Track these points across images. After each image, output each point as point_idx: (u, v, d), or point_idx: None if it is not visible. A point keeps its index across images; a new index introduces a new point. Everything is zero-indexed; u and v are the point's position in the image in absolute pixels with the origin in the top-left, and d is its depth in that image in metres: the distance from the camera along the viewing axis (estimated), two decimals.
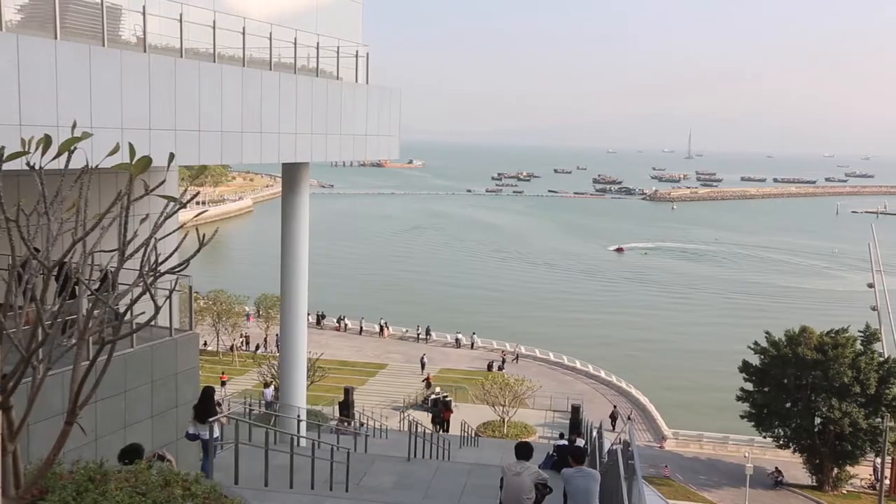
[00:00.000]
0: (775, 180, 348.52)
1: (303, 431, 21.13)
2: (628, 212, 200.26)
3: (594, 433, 20.33)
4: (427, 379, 52.61)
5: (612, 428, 42.68)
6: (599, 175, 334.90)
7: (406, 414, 37.94)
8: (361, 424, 31.06)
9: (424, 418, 39.36)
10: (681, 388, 56.21)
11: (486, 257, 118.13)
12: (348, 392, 37.84)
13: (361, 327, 67.53)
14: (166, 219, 5.32)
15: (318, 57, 19.92)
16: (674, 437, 46.54)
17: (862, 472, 41.48)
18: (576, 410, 35.96)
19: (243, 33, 17.08)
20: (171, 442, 13.04)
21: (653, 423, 48.95)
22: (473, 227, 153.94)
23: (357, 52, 21.44)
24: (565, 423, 41.07)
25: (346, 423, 31.38)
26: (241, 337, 59.99)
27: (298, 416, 21.70)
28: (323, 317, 68.67)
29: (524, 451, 10.74)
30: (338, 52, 20.57)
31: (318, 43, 19.73)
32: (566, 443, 21.29)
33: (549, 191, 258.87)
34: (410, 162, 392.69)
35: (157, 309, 5.75)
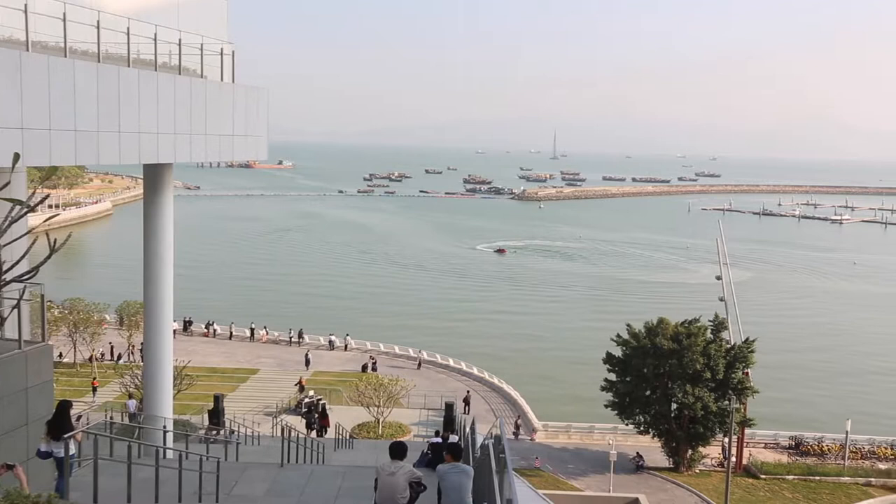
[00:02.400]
0: (634, 180, 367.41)
1: (169, 443, 20.32)
2: (498, 211, 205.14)
3: (468, 429, 20.73)
4: (300, 382, 51.82)
5: (465, 411, 45.28)
6: (469, 175, 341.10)
7: (279, 419, 37.26)
8: (232, 432, 30.22)
9: (298, 423, 38.81)
10: (550, 382, 58.26)
11: (353, 259, 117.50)
12: (218, 399, 36.67)
13: (231, 332, 65.61)
14: (12, 223, 5.04)
15: (180, 54, 19.22)
16: (544, 430, 48.17)
17: (712, 452, 44.52)
18: (449, 408, 36.51)
19: (98, 27, 16.22)
20: (22, 462, 12.22)
21: (524, 416, 50.44)
22: (344, 229, 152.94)
23: (222, 49, 20.85)
24: (440, 421, 41.61)
25: (215, 432, 30.42)
26: (102, 347, 56.83)
27: (164, 426, 20.84)
28: (190, 323, 66.16)
29: (398, 450, 10.83)
30: (201, 50, 19.92)
31: (180, 39, 19.03)
32: (440, 440, 21.59)
33: (421, 191, 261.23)
34: (280, 163, 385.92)
35: (2, 320, 5.44)
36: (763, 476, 42.31)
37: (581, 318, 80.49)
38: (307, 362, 57.52)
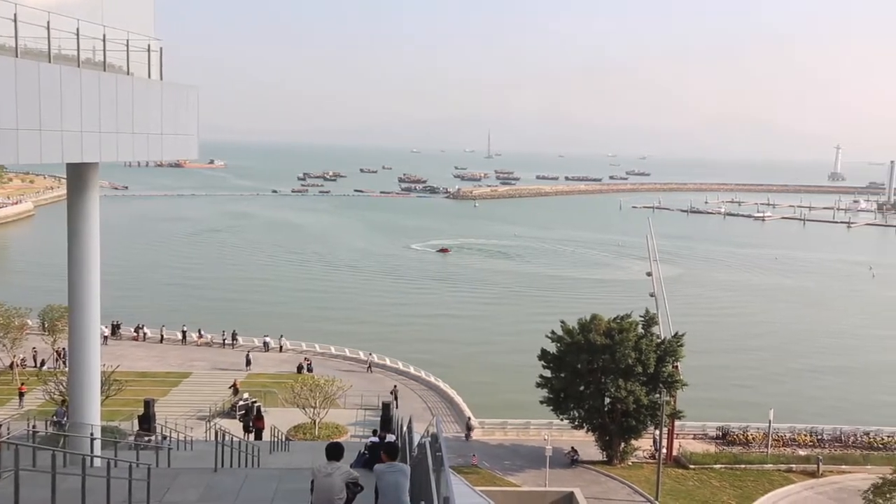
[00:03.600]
0: (567, 178, 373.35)
1: (97, 451, 19.71)
2: (433, 210, 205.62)
3: (405, 428, 20.75)
4: (234, 385, 50.97)
5: (395, 404, 45.80)
6: (404, 174, 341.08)
7: (213, 423, 36.54)
8: (164, 437, 29.49)
9: (233, 426, 38.14)
10: (486, 380, 58.73)
11: (285, 260, 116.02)
12: (148, 404, 35.86)
13: (162, 335, 64.01)
14: None
15: (105, 50, 18.64)
16: (480, 427, 48.50)
17: (644, 445, 45.62)
18: (386, 407, 36.52)
19: (14, 20, 15.61)
20: None
21: (460, 414, 50.71)
22: (277, 229, 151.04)
23: (149, 46, 20.32)
24: (377, 421, 41.52)
25: (146, 438, 29.66)
26: (26, 353, 54.64)
27: (91, 434, 20.20)
28: (118, 326, 64.27)
29: (334, 451, 10.79)
30: (127, 46, 19.38)
31: (104, 35, 18.46)
32: (378, 439, 21.55)
33: (356, 190, 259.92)
34: (212, 162, 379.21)
35: None
36: (692, 466, 43.60)
37: (516, 316, 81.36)
38: (248, 362, 57.22)
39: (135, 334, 64.23)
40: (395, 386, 52.36)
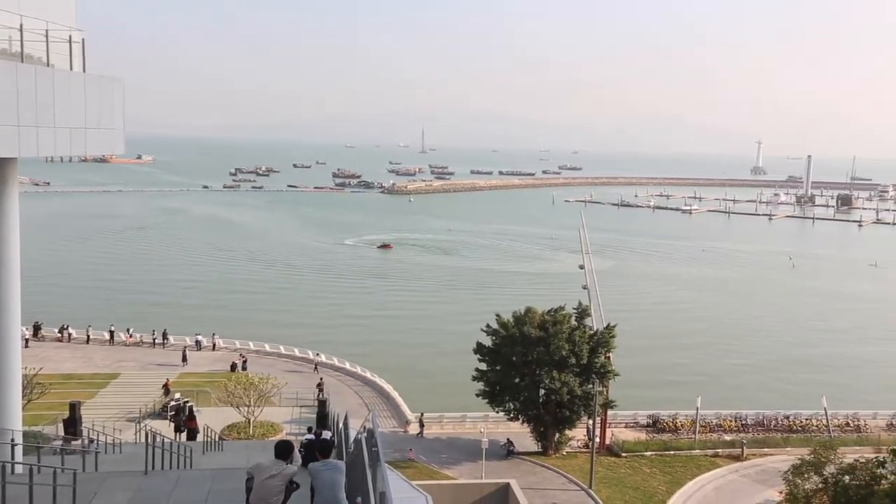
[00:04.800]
0: (500, 173, 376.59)
1: (18, 457, 19.01)
2: (368, 205, 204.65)
3: (341, 425, 20.66)
4: (166, 385, 49.80)
5: (319, 397, 46.24)
6: (339, 169, 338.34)
7: (143, 424, 35.64)
8: (91, 441, 28.61)
9: (164, 427, 37.28)
10: (422, 374, 58.89)
11: (215, 257, 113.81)
12: (74, 407, 34.73)
13: (88, 336, 62.00)
14: None
15: (22, 40, 17.94)
16: (417, 421, 48.57)
17: (578, 434, 46.52)
18: (322, 404, 36.27)
19: None
20: None
21: (397, 409, 50.74)
22: (208, 226, 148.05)
23: (70, 37, 19.64)
24: (313, 418, 41.22)
25: (72, 442, 28.73)
26: None
27: (12, 439, 19.47)
28: (39, 327, 61.97)
29: (284, 449, 10.59)
30: (47, 36, 18.68)
31: (21, 25, 17.76)
32: (313, 437, 21.40)
33: (289, 185, 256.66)
34: (139, 157, 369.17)
35: None
36: (624, 454, 44.68)
37: (451, 311, 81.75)
38: (184, 358, 56.80)
39: (59, 335, 62.06)
40: (322, 379, 52.38)
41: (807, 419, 50.21)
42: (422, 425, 46.96)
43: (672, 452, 45.09)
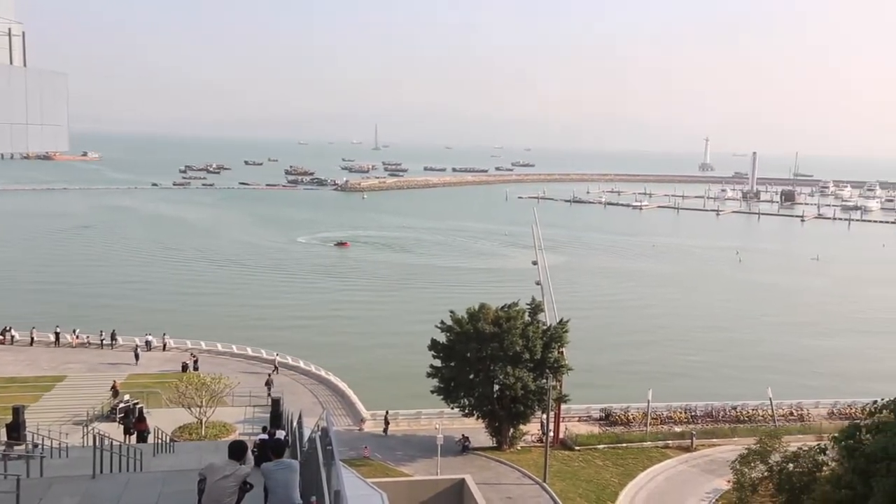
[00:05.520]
0: (454, 170, 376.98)
1: None
2: (321, 202, 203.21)
3: (295, 423, 20.50)
4: (114, 387, 48.74)
5: (267, 393, 47.20)
6: (291, 166, 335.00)
7: (91, 427, 34.86)
8: (35, 445, 27.86)
9: (113, 429, 36.51)
10: (377, 372, 58.73)
11: (163, 256, 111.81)
12: (17, 411, 33.71)
13: (32, 338, 60.31)
14: None
15: None
16: (372, 419, 48.50)
17: (532, 429, 46.96)
18: (276, 403, 35.78)
19: None
20: None
21: (352, 407, 50.53)
22: (156, 224, 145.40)
23: (10, 30, 19.07)
24: (267, 417, 40.75)
25: (15, 447, 27.93)
26: None
27: None
28: None
29: (238, 450, 10.49)
30: None
31: None
32: (267, 436, 21.20)
33: (241, 183, 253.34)
34: (85, 154, 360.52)
35: None
36: (577, 448, 45.28)
37: (406, 308, 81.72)
38: (136, 356, 56.23)
39: (1, 337, 60.25)
40: (270, 375, 52.06)
41: (753, 409, 51.51)
42: (387, 423, 46.87)
43: (624, 445, 45.83)
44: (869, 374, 62.63)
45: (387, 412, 47.54)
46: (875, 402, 23.51)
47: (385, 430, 46.53)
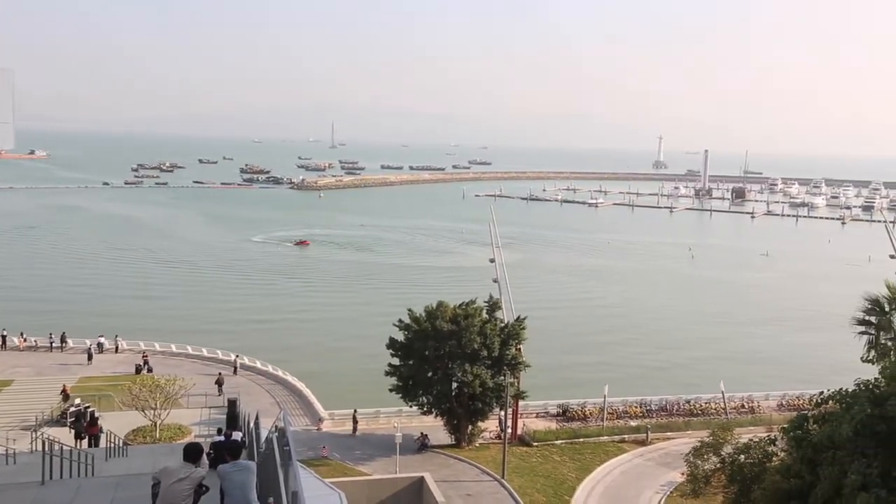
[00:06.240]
0: (411, 168, 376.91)
1: None
2: (277, 201, 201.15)
3: (251, 424, 20.30)
4: (64, 390, 47.57)
5: (218, 393, 47.50)
6: (247, 165, 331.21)
7: (40, 432, 34.01)
8: None
9: (63, 434, 35.69)
10: (334, 371, 58.42)
11: (112, 257, 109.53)
12: None
13: None
14: None
15: None
16: (330, 418, 48.21)
17: (490, 426, 47.18)
18: (232, 404, 35.33)
19: None
20: None
21: (309, 406, 50.17)
22: (107, 224, 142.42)
23: None
24: (223, 419, 40.22)
25: None
26: None
27: None
28: None
29: (193, 452, 10.36)
30: None
31: None
32: (223, 438, 20.95)
33: (195, 182, 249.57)
34: (32, 152, 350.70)
35: None
36: (535, 444, 45.62)
37: (363, 306, 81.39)
38: (89, 356, 55.57)
39: None
40: (220, 373, 51.59)
41: (706, 403, 52.50)
42: (355, 422, 46.61)
43: (581, 440, 46.33)
44: (815, 367, 64.41)
45: (355, 411, 47.27)
46: (821, 392, 24.11)
47: (354, 430, 46.25)
